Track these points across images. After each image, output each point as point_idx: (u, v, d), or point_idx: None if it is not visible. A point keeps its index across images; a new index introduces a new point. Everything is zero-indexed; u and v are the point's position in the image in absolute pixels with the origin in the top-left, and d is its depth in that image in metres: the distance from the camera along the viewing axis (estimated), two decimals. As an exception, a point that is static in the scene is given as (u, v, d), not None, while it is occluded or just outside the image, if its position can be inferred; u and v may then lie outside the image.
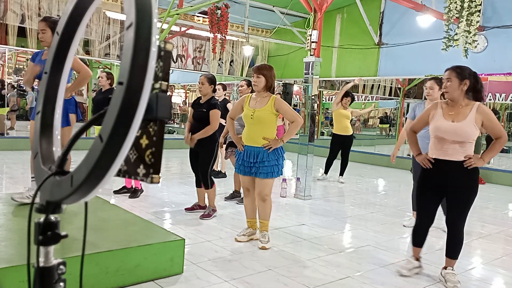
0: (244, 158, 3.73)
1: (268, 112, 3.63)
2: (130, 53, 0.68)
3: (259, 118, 3.64)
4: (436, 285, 3.17)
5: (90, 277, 2.60)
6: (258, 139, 3.65)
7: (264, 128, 3.65)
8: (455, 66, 3.04)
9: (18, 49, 11.15)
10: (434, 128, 3.07)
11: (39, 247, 0.83)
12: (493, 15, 8.29)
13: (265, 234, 3.79)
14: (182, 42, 12.58)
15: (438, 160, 3.08)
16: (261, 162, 3.63)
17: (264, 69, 3.70)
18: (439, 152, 3.07)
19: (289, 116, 3.69)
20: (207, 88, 4.52)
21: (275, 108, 3.64)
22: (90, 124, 0.86)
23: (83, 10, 0.93)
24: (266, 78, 3.67)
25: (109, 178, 0.71)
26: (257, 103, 3.70)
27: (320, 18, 6.19)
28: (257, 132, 3.66)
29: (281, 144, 3.64)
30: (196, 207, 4.84)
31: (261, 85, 3.68)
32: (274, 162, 3.64)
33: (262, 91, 3.71)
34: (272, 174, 3.65)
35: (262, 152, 3.64)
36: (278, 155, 3.67)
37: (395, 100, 14.68)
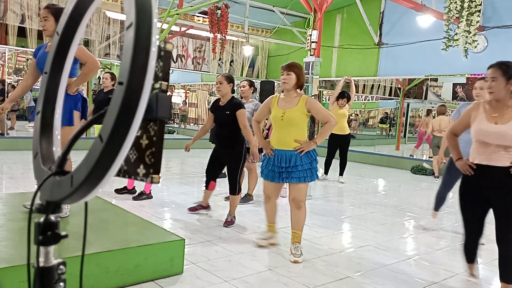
0: (274, 163, 3.46)
1: (299, 113, 3.39)
2: (130, 53, 0.68)
3: (290, 120, 3.39)
4: (436, 285, 3.17)
5: (90, 277, 2.60)
6: (289, 142, 3.40)
7: (295, 130, 3.41)
8: (500, 63, 2.75)
9: (18, 49, 11.15)
10: (476, 131, 2.79)
11: (39, 247, 0.83)
12: (493, 15, 8.29)
13: (298, 246, 3.51)
14: (182, 42, 12.58)
15: (480, 165, 2.77)
16: (294, 166, 3.38)
17: (295, 66, 3.47)
18: (481, 157, 2.77)
19: (322, 117, 3.43)
20: (226, 88, 4.28)
21: (307, 108, 3.39)
22: (90, 124, 0.86)
23: (83, 10, 0.93)
24: (297, 76, 3.44)
25: (109, 178, 0.71)
26: (287, 104, 3.45)
27: (320, 18, 6.19)
28: (288, 135, 3.41)
29: (314, 146, 3.41)
30: (199, 208, 4.77)
31: (292, 83, 3.44)
32: (308, 166, 3.40)
33: (292, 90, 3.47)
34: (305, 179, 3.40)
35: (294, 156, 3.39)
36: (311, 158, 3.42)
37: (395, 100, 14.68)
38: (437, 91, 13.88)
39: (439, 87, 13.74)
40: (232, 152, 4.31)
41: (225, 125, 4.27)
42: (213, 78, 14.20)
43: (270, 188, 3.63)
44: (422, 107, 15.10)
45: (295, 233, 3.55)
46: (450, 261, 3.73)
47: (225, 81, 4.28)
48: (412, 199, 6.79)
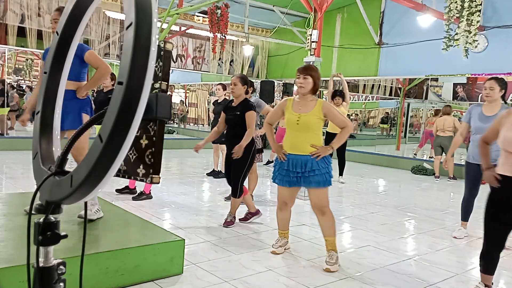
0: (289, 168, 3.36)
1: (315, 117, 3.31)
2: (130, 52, 0.68)
3: (306, 124, 3.30)
4: (436, 285, 3.17)
5: (90, 277, 2.60)
6: (305, 146, 3.30)
7: (311, 134, 3.32)
8: None
9: (18, 49, 11.15)
10: (501, 139, 2.65)
11: (39, 247, 0.83)
12: (493, 15, 8.28)
13: (333, 254, 3.37)
14: (182, 42, 12.58)
15: (506, 177, 2.61)
16: (311, 171, 3.29)
17: (311, 69, 3.37)
18: (505, 167, 2.62)
19: (338, 122, 3.35)
20: (240, 89, 4.22)
21: (323, 113, 3.31)
22: (90, 124, 0.86)
23: (83, 10, 0.93)
24: (314, 80, 3.35)
25: (109, 178, 0.71)
26: (302, 108, 3.35)
27: (320, 18, 6.19)
28: (303, 139, 3.31)
29: (330, 151, 3.34)
30: (249, 216, 4.53)
31: (309, 87, 3.34)
32: (325, 170, 3.31)
33: (308, 94, 3.37)
34: (325, 183, 3.32)
35: (310, 161, 3.29)
36: (328, 163, 3.35)
37: (396, 100, 14.68)
38: (438, 91, 13.88)
39: (440, 87, 13.74)
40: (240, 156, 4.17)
41: (235, 126, 4.21)
42: (213, 78, 14.21)
43: (286, 193, 3.52)
44: (423, 107, 15.11)
45: (328, 240, 3.40)
46: (450, 261, 3.73)
47: (239, 82, 4.24)
48: (412, 199, 6.79)
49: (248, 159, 4.20)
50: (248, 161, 4.22)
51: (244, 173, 4.22)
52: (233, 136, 4.21)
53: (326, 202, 3.38)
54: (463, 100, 13.27)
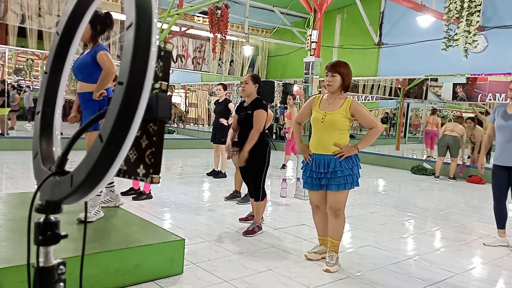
0: (312, 169, 3.26)
1: (341, 116, 3.17)
2: (130, 53, 0.68)
3: (331, 122, 3.17)
4: (436, 285, 3.17)
5: (90, 277, 2.60)
6: (328, 146, 3.19)
7: (336, 134, 3.19)
8: None
9: (18, 49, 11.15)
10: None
11: (39, 247, 0.83)
12: (493, 15, 8.28)
13: (333, 255, 3.33)
14: (182, 42, 12.58)
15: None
16: (333, 172, 3.17)
17: (340, 66, 3.23)
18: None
19: (367, 122, 3.21)
20: (251, 88, 4.09)
21: (351, 112, 3.17)
22: (90, 125, 0.86)
23: (83, 10, 0.93)
24: (343, 77, 3.21)
25: (109, 178, 0.71)
26: (329, 105, 3.23)
27: (320, 18, 6.19)
28: (328, 138, 3.19)
29: (355, 151, 3.19)
30: (251, 218, 4.42)
31: (336, 85, 3.21)
32: (349, 172, 3.17)
33: (337, 92, 3.25)
34: (345, 186, 3.19)
35: (333, 161, 3.17)
36: (352, 164, 3.20)
37: (395, 100, 14.68)
38: (437, 91, 13.88)
39: (439, 87, 13.75)
40: (254, 155, 4.02)
41: (247, 126, 4.04)
42: (213, 78, 14.21)
43: (314, 197, 3.40)
44: (422, 107, 15.11)
45: (332, 242, 3.35)
46: (450, 261, 3.73)
47: (251, 81, 4.11)
48: (412, 199, 6.79)
49: (264, 161, 4.07)
50: (266, 162, 4.09)
51: (263, 175, 4.10)
52: (245, 137, 4.04)
53: (342, 205, 3.28)
54: (463, 100, 13.27)
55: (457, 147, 8.36)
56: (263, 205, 4.19)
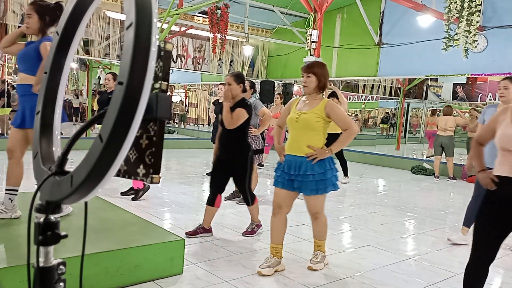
0: (284, 170, 3.16)
1: (316, 116, 3.07)
2: (130, 53, 0.68)
3: (305, 122, 3.08)
4: (436, 285, 3.17)
5: (90, 277, 2.60)
6: (302, 147, 3.08)
7: (310, 134, 3.08)
8: None
9: (18, 49, 11.11)
10: (498, 136, 2.41)
11: (39, 247, 0.83)
12: (493, 15, 8.28)
13: (318, 253, 3.33)
14: (182, 42, 12.57)
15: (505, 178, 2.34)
16: (304, 175, 3.05)
17: (315, 66, 3.15)
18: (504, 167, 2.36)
19: (342, 123, 3.09)
20: (236, 89, 3.82)
21: (326, 113, 3.07)
22: (90, 124, 0.86)
23: (83, 10, 0.93)
24: (318, 77, 3.13)
25: (109, 178, 0.71)
26: (305, 106, 3.16)
27: (320, 18, 6.19)
28: (301, 139, 3.09)
29: (328, 154, 3.07)
30: (200, 231, 3.95)
31: (312, 85, 3.14)
32: (320, 177, 3.05)
33: (313, 92, 3.17)
34: (317, 191, 3.08)
35: (305, 163, 3.05)
36: (325, 168, 3.07)
37: (395, 100, 14.69)
38: (437, 91, 13.89)
39: (439, 87, 13.76)
40: (237, 159, 3.86)
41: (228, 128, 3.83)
42: (213, 78, 14.21)
43: (280, 195, 3.22)
44: (422, 107, 15.11)
45: (316, 242, 3.38)
46: (450, 261, 3.73)
47: (234, 82, 3.82)
48: (412, 199, 6.79)
49: (246, 165, 3.88)
50: (247, 168, 3.89)
51: (247, 181, 3.91)
52: (227, 139, 3.86)
53: (319, 208, 3.23)
54: (463, 100, 13.28)
55: (452, 146, 8.38)
56: (256, 207, 4.07)
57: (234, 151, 3.86)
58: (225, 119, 3.78)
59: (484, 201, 2.48)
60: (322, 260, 3.33)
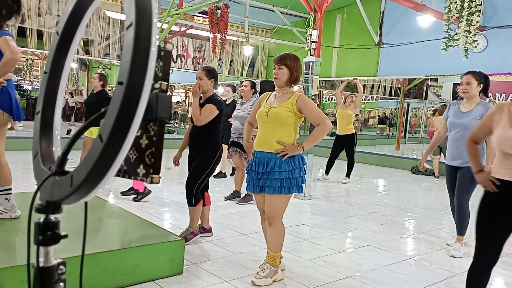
0: (252, 168, 2.98)
1: (286, 110, 2.89)
2: (130, 53, 0.68)
3: (274, 116, 2.89)
4: (436, 285, 3.17)
5: (90, 277, 2.60)
6: (271, 143, 2.89)
7: (280, 130, 2.89)
8: None
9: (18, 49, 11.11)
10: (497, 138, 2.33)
11: (39, 247, 0.83)
12: (493, 15, 8.28)
13: (266, 267, 2.97)
14: (182, 42, 12.58)
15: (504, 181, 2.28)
16: (271, 172, 2.86)
17: (287, 58, 2.96)
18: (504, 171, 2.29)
19: (314, 118, 2.91)
20: (207, 84, 3.64)
21: (297, 107, 2.89)
22: (90, 125, 0.86)
23: (83, 10, 0.93)
24: (290, 70, 2.94)
25: (109, 178, 0.71)
26: (276, 100, 2.99)
27: (320, 18, 6.19)
28: (271, 134, 2.90)
29: (300, 151, 2.88)
30: (200, 231, 3.86)
31: (283, 78, 2.95)
32: (287, 174, 2.85)
33: (284, 86, 2.98)
34: (281, 190, 2.85)
35: (273, 160, 2.87)
36: (294, 166, 2.87)
37: (395, 100, 14.68)
38: (437, 91, 13.88)
39: (439, 87, 13.75)
40: (200, 159, 3.66)
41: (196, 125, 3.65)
42: (216, 78, 14.20)
43: (259, 200, 3.08)
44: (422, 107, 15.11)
45: (268, 253, 3.01)
46: (450, 261, 3.73)
47: (205, 76, 3.64)
48: (412, 199, 6.79)
49: (208, 165, 3.65)
50: (209, 167, 3.65)
51: (201, 180, 3.64)
52: (196, 135, 3.68)
53: (278, 213, 2.92)
54: (463, 100, 13.24)
55: None
56: (198, 211, 3.71)
57: (201, 148, 3.66)
58: (193, 116, 3.58)
59: (483, 204, 2.42)
60: (270, 275, 2.94)
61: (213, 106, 3.58)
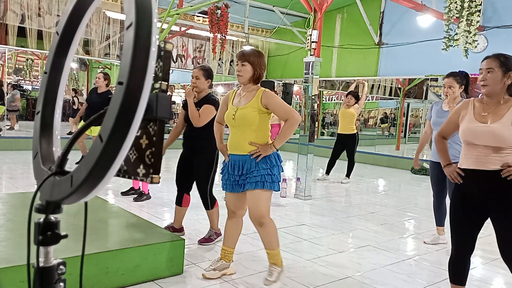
0: (229, 171, 2.92)
1: (253, 110, 2.79)
2: (130, 53, 0.68)
3: (242, 118, 2.80)
4: (436, 285, 3.17)
5: (90, 277, 2.60)
6: (243, 145, 2.81)
7: (250, 130, 2.81)
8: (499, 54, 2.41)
9: (18, 49, 11.16)
10: (462, 130, 2.47)
11: (39, 247, 0.83)
12: (493, 15, 8.29)
13: (274, 270, 2.89)
14: (182, 42, 12.58)
15: (469, 170, 2.42)
16: (249, 173, 2.81)
17: (250, 55, 2.85)
18: (469, 160, 2.43)
19: (281, 113, 2.80)
20: (203, 84, 3.61)
21: (263, 104, 2.79)
22: (90, 125, 0.86)
23: (83, 10, 0.93)
24: (253, 67, 2.84)
25: (109, 178, 0.71)
26: (241, 100, 2.88)
27: (320, 18, 6.19)
28: (242, 137, 2.82)
29: (272, 150, 2.80)
30: (170, 229, 3.79)
31: (247, 75, 2.84)
32: (266, 172, 2.79)
33: (248, 83, 2.87)
34: (263, 184, 2.78)
35: (249, 162, 2.81)
36: (271, 164, 2.82)
37: (395, 100, 14.69)
38: (437, 91, 13.87)
39: (439, 87, 13.74)
40: (201, 158, 3.63)
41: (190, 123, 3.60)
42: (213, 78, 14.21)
43: (230, 199, 3.02)
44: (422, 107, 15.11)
45: (268, 253, 2.95)
46: (450, 261, 3.73)
47: (202, 76, 3.59)
48: (412, 199, 6.79)
49: (212, 165, 3.64)
50: (213, 167, 3.66)
51: (210, 183, 3.68)
52: (191, 135, 3.65)
53: (264, 211, 2.84)
54: (463, 100, 13.23)
55: None
56: (216, 212, 3.78)
57: (200, 148, 3.62)
58: (192, 117, 3.52)
59: (453, 195, 2.57)
60: (278, 277, 2.89)
61: (211, 106, 3.55)
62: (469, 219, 2.50)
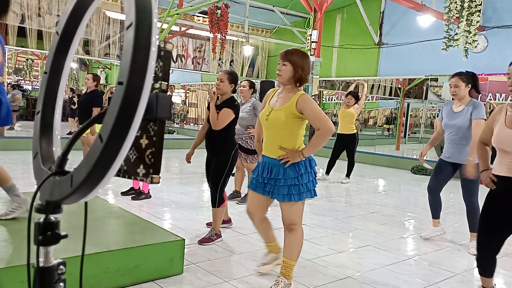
0: (259, 172, 2.85)
1: (287, 113, 2.67)
2: (130, 53, 0.68)
3: (274, 120, 2.70)
4: (436, 285, 3.17)
5: (90, 277, 2.60)
6: (273, 148, 2.74)
7: (281, 134, 2.71)
8: None
9: (18, 49, 11.17)
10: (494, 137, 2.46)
11: (39, 247, 0.83)
12: (493, 15, 8.29)
13: (280, 281, 2.81)
14: (182, 42, 12.58)
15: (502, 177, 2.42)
16: (277, 179, 2.72)
17: (293, 54, 2.70)
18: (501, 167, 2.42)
19: (313, 121, 2.65)
20: (226, 87, 3.72)
21: (298, 109, 2.64)
22: (90, 124, 0.86)
23: (83, 10, 0.93)
24: (294, 67, 2.68)
25: (109, 178, 0.71)
26: (278, 101, 2.77)
27: (320, 18, 6.19)
28: (272, 139, 2.74)
29: (300, 158, 2.68)
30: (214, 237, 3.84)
31: (286, 75, 2.70)
32: (294, 181, 2.69)
33: (287, 84, 2.74)
34: (290, 197, 2.71)
35: (277, 167, 2.72)
36: (299, 172, 2.70)
37: (395, 100, 14.69)
38: (437, 91, 13.88)
39: (439, 87, 13.74)
40: (217, 159, 3.71)
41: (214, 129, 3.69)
42: (213, 78, 14.20)
43: (252, 198, 2.96)
44: (422, 107, 15.11)
45: (284, 262, 2.86)
46: (450, 261, 3.73)
47: (226, 80, 3.71)
48: (412, 199, 6.79)
49: (227, 164, 3.68)
50: (227, 166, 3.70)
51: (223, 180, 3.70)
52: (212, 136, 3.73)
53: (296, 218, 2.83)
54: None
55: None
56: (221, 212, 3.80)
57: (217, 148, 3.71)
58: (211, 119, 3.62)
59: (486, 199, 2.59)
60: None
61: (230, 110, 3.64)
62: (499, 225, 2.52)
